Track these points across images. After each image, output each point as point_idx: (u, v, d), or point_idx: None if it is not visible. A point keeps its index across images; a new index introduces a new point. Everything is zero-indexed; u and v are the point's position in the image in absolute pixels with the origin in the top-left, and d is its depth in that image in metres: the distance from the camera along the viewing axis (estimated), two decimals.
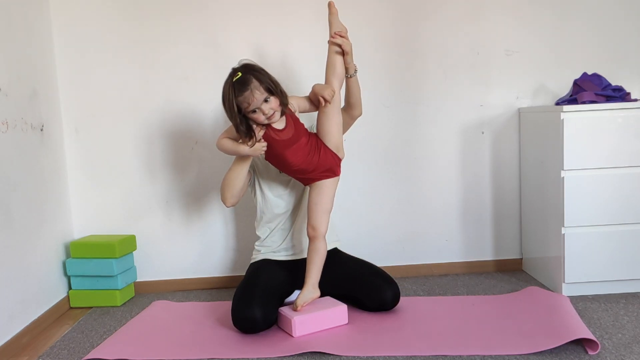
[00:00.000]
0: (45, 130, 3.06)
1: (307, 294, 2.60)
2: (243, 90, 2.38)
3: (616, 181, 2.91)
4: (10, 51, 2.77)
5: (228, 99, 2.42)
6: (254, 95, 2.39)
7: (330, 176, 2.66)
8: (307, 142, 2.59)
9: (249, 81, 2.39)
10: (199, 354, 2.43)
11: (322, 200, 2.64)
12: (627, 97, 3.04)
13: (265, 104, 2.42)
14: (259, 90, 2.39)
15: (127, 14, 3.23)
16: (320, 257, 2.65)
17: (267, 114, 2.43)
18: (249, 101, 2.39)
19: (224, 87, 2.45)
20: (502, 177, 3.45)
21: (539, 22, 3.35)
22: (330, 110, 2.60)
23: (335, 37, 2.63)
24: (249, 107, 2.41)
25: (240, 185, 2.72)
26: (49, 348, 2.59)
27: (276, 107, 2.45)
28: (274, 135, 2.52)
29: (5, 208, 2.63)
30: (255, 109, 2.41)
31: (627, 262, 2.95)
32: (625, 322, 2.59)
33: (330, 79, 2.64)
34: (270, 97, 2.43)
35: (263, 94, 2.40)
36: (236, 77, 2.41)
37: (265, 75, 2.46)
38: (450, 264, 3.47)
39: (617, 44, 3.38)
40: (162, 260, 3.39)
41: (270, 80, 2.45)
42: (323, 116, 2.62)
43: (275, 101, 2.45)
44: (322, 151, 2.61)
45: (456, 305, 2.88)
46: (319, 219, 2.63)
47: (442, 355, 2.31)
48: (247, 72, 2.43)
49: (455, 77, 3.36)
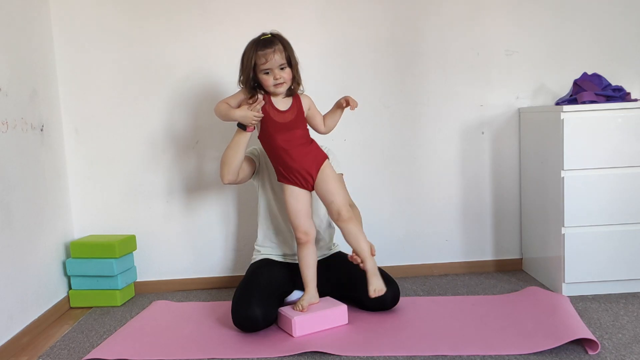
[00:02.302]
0: (45, 130, 3.07)
1: (312, 298, 2.64)
2: (266, 47, 2.45)
3: (616, 181, 2.92)
4: (11, 52, 2.78)
5: (248, 51, 2.50)
6: (274, 55, 2.45)
7: (306, 187, 2.64)
8: (302, 136, 2.61)
9: (275, 43, 2.48)
10: (199, 353, 2.44)
11: (305, 207, 2.65)
12: (627, 97, 3.05)
13: (280, 71, 2.48)
14: (280, 54, 2.47)
15: (127, 15, 3.23)
16: (316, 259, 2.69)
17: (277, 79, 2.48)
18: (268, 58, 2.45)
19: (249, 42, 2.53)
20: (502, 177, 3.46)
21: (538, 22, 3.36)
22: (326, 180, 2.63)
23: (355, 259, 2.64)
24: (264, 65, 2.45)
25: (236, 162, 2.72)
26: (49, 348, 2.59)
27: (287, 79, 2.51)
28: (272, 114, 2.55)
29: (6, 208, 2.64)
30: (268, 69, 2.47)
31: (627, 262, 2.96)
32: (625, 322, 2.60)
33: None
34: (287, 67, 2.50)
35: (282, 60, 2.47)
36: (264, 36, 2.50)
37: (291, 48, 2.54)
38: (450, 264, 3.48)
39: (617, 43, 3.39)
40: (162, 260, 3.40)
41: (293, 54, 2.53)
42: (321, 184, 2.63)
43: (289, 74, 2.51)
44: (311, 153, 2.62)
45: (456, 305, 2.89)
46: (309, 224, 2.65)
47: (442, 355, 2.32)
48: (276, 36, 2.52)
49: (455, 77, 3.37)
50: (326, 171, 2.62)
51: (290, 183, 2.61)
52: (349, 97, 2.61)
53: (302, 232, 2.63)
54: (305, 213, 2.64)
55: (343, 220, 2.60)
